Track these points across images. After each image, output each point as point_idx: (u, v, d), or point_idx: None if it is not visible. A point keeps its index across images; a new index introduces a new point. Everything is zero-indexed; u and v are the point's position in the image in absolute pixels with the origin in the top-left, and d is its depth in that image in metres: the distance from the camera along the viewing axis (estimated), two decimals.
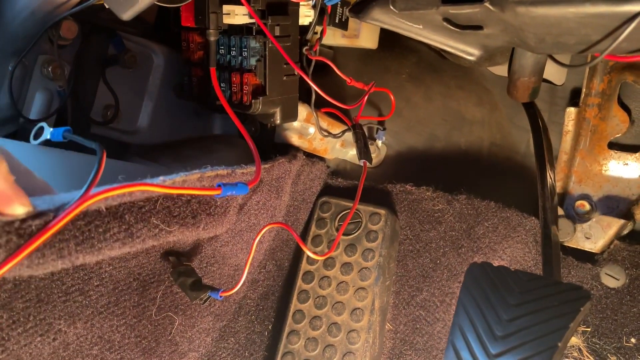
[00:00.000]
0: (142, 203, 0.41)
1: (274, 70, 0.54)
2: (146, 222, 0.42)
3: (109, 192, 0.33)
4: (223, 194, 0.42)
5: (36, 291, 0.41)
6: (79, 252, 0.36)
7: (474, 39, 0.42)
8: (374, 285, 0.60)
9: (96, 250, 0.37)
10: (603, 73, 0.63)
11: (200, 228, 0.48)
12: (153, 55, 0.60)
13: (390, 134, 0.73)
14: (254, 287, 0.65)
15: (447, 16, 0.38)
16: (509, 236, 0.62)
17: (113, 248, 0.39)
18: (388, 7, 0.39)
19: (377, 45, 0.71)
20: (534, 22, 0.34)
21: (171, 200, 0.44)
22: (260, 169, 0.48)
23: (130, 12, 0.37)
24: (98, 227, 0.37)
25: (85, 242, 0.36)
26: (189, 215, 0.46)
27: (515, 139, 0.69)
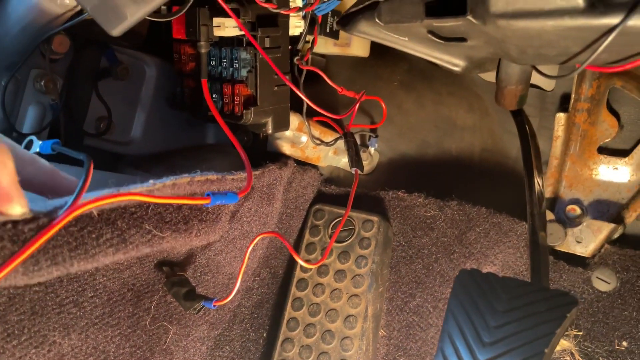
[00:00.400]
0: (134, 209, 0.42)
1: (265, 80, 0.55)
2: (138, 227, 0.42)
3: (99, 200, 0.33)
4: (212, 203, 0.42)
5: (30, 303, 0.41)
6: (73, 258, 0.36)
7: (459, 50, 0.43)
8: (367, 292, 0.60)
9: (90, 257, 0.38)
10: (592, 79, 0.64)
11: (193, 234, 0.48)
12: (145, 66, 0.60)
13: (383, 141, 0.74)
14: (249, 295, 0.65)
15: (431, 29, 0.38)
16: (500, 241, 0.62)
17: (107, 254, 0.39)
18: (374, 20, 0.40)
19: (368, 53, 0.71)
20: (515, 35, 0.34)
21: (163, 206, 0.45)
22: (252, 176, 0.49)
23: (120, 28, 0.37)
24: (91, 233, 0.38)
25: (79, 248, 0.37)
26: (181, 221, 0.47)
27: (507, 144, 0.70)
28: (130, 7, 0.37)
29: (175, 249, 0.53)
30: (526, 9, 0.32)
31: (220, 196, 0.42)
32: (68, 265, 0.36)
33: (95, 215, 0.38)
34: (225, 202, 0.43)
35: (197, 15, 0.51)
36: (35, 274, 0.34)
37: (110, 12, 0.37)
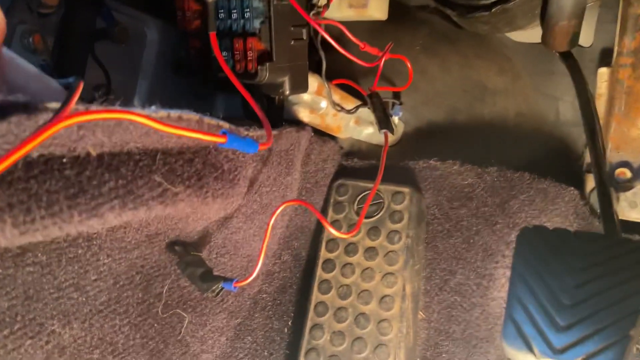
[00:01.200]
0: (139, 156, 0.36)
1: (280, 33, 0.49)
2: (147, 178, 0.36)
3: (94, 114, 0.27)
4: (228, 144, 0.36)
5: (23, 287, 0.35)
6: (72, 208, 0.30)
7: None
8: (403, 269, 0.54)
9: (93, 209, 0.31)
10: (634, 30, 0.58)
11: (210, 195, 0.42)
12: (146, 29, 0.55)
13: (407, 110, 0.68)
14: (270, 280, 0.59)
15: None
16: (547, 209, 0.56)
17: (113, 208, 0.33)
18: None
19: (387, 15, 0.65)
20: None
21: (171, 155, 0.39)
22: (270, 128, 0.43)
23: None
24: (91, 179, 0.32)
25: (78, 196, 0.31)
26: (194, 176, 0.41)
27: (543, 108, 0.64)
28: None
29: (189, 225, 0.47)
30: None
31: (239, 139, 0.37)
32: (67, 216, 0.30)
33: (94, 156, 0.32)
34: (244, 149, 0.37)
35: None
36: (27, 228, 0.28)
37: None
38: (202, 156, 0.43)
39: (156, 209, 0.38)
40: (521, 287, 0.35)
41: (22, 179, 0.28)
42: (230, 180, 0.46)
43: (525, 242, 0.37)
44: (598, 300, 0.32)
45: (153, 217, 0.42)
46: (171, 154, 0.40)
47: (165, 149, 0.39)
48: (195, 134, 0.35)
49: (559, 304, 0.33)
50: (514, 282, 0.36)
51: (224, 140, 0.37)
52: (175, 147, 0.40)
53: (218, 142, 0.38)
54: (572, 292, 0.33)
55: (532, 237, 0.37)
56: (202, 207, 0.44)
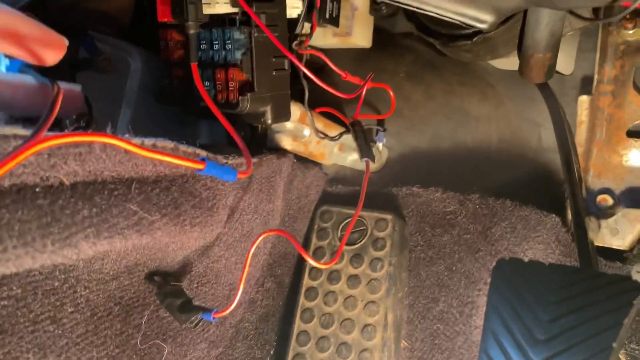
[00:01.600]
0: (113, 185, 0.36)
1: (261, 63, 0.49)
2: (121, 207, 0.36)
3: (65, 137, 0.27)
4: (207, 170, 0.36)
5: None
6: (46, 237, 0.30)
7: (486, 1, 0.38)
8: (386, 297, 0.54)
9: (66, 237, 0.31)
10: (614, 58, 0.59)
11: (187, 223, 0.42)
12: (130, 58, 0.55)
13: (391, 135, 0.68)
14: (252, 307, 0.59)
15: None
16: (528, 236, 0.56)
17: (87, 237, 0.33)
18: None
19: (371, 43, 0.66)
20: None
21: (147, 184, 0.39)
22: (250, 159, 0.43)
23: None
24: (64, 208, 0.31)
25: (51, 225, 0.30)
26: (170, 205, 0.41)
27: (525, 134, 0.65)
28: None
29: (169, 255, 0.47)
30: None
31: (217, 166, 0.37)
32: (39, 246, 0.30)
33: (68, 185, 0.32)
34: (222, 177, 0.37)
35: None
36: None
37: None
38: (179, 184, 0.43)
39: (132, 237, 0.38)
40: (496, 320, 0.35)
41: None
42: (209, 208, 0.46)
43: (500, 274, 0.37)
44: (571, 335, 0.32)
45: (131, 247, 0.42)
46: (147, 183, 0.40)
47: (141, 178, 0.39)
48: (173, 158, 0.35)
49: (533, 339, 0.33)
50: (489, 316, 0.36)
51: (202, 167, 0.37)
52: (151, 176, 0.40)
53: (196, 168, 0.37)
54: (545, 327, 0.33)
55: (508, 269, 0.37)
56: (180, 236, 0.44)
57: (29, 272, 0.36)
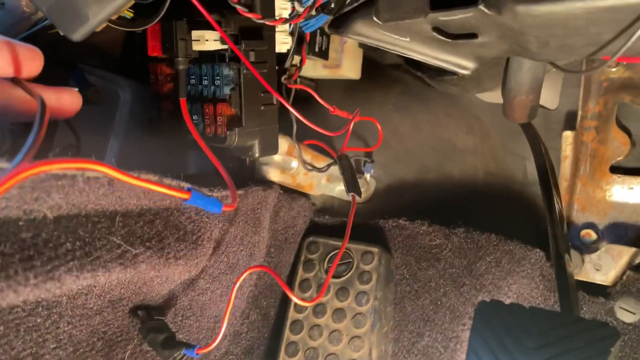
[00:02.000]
0: (97, 218, 0.36)
1: (250, 99, 0.50)
2: (105, 240, 0.36)
3: (53, 164, 0.26)
4: (192, 200, 0.36)
5: None
6: (28, 271, 0.30)
7: (468, 50, 0.38)
8: (370, 332, 0.54)
9: (49, 271, 0.31)
10: (598, 95, 0.60)
11: (171, 256, 0.42)
12: (119, 89, 0.55)
13: (379, 167, 0.69)
14: (237, 340, 0.59)
15: (437, 24, 0.34)
16: (513, 271, 0.57)
17: (70, 270, 0.33)
18: (371, 18, 0.35)
19: (360, 75, 0.67)
20: (536, 23, 0.30)
21: (131, 217, 0.39)
22: (235, 191, 0.43)
23: (82, 31, 0.32)
24: (47, 242, 0.32)
25: (34, 258, 0.30)
26: (154, 238, 0.41)
27: (511, 167, 0.66)
28: (93, 6, 0.32)
29: (153, 289, 0.46)
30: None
31: (203, 197, 0.37)
32: (22, 279, 0.29)
33: (51, 218, 0.32)
34: (207, 208, 0.37)
35: (174, 29, 0.47)
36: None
37: (70, 13, 0.32)
38: (163, 217, 0.43)
39: (115, 271, 0.38)
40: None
41: None
42: (194, 241, 0.46)
43: (481, 317, 0.37)
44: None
45: (115, 281, 0.42)
46: (131, 216, 0.40)
47: (125, 211, 0.39)
48: (159, 187, 0.34)
49: None
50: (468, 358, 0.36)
51: (187, 197, 0.37)
52: (135, 209, 0.40)
53: (182, 197, 0.37)
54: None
55: (488, 312, 0.37)
56: (164, 269, 0.44)
57: (11, 309, 0.36)
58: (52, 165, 0.26)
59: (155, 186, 0.34)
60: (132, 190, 0.38)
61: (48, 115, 0.29)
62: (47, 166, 0.26)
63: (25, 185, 0.29)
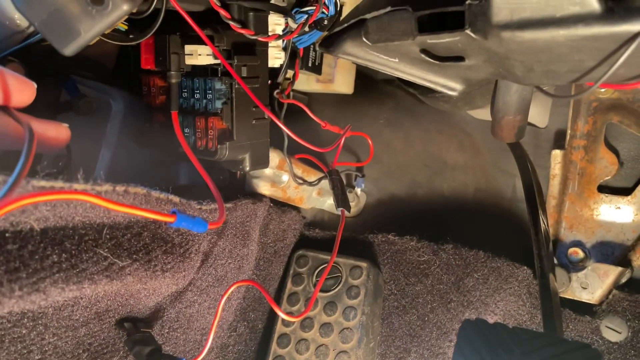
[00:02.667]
0: (84, 231, 0.36)
1: (241, 113, 0.50)
2: (91, 252, 0.36)
3: (39, 196, 0.27)
4: (177, 223, 0.36)
5: None
6: (13, 282, 0.30)
7: (455, 72, 0.39)
8: (357, 348, 0.54)
9: (34, 283, 0.31)
10: (587, 114, 0.61)
11: (158, 269, 0.42)
12: (111, 100, 0.56)
13: (370, 181, 0.69)
14: (224, 353, 0.58)
15: (425, 47, 0.35)
16: (500, 288, 0.57)
17: (56, 282, 0.33)
18: (361, 39, 0.36)
19: (352, 90, 0.68)
20: (520, 49, 0.30)
21: (118, 229, 0.39)
22: (223, 207, 0.43)
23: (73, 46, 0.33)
24: (33, 254, 0.32)
25: (20, 270, 0.30)
26: (142, 250, 0.41)
27: (501, 184, 0.66)
28: (85, 21, 0.32)
29: (140, 301, 0.46)
30: (534, 18, 0.28)
31: (188, 219, 0.37)
32: (7, 291, 0.30)
33: (38, 230, 0.32)
34: (193, 229, 0.37)
35: (167, 43, 0.47)
36: None
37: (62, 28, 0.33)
38: (151, 230, 0.43)
39: (102, 283, 0.38)
40: None
41: None
42: (181, 254, 0.46)
43: (464, 336, 0.38)
44: None
45: (102, 293, 0.42)
46: (118, 228, 0.40)
47: (113, 223, 0.39)
48: (143, 212, 0.34)
49: None
50: None
51: (172, 220, 0.37)
52: (123, 222, 0.40)
53: (166, 221, 0.37)
54: None
55: (472, 332, 0.37)
56: (151, 282, 0.44)
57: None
58: (38, 197, 0.27)
59: (141, 211, 0.34)
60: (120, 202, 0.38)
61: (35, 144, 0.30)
62: (35, 198, 0.27)
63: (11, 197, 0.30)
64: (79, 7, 0.32)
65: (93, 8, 0.32)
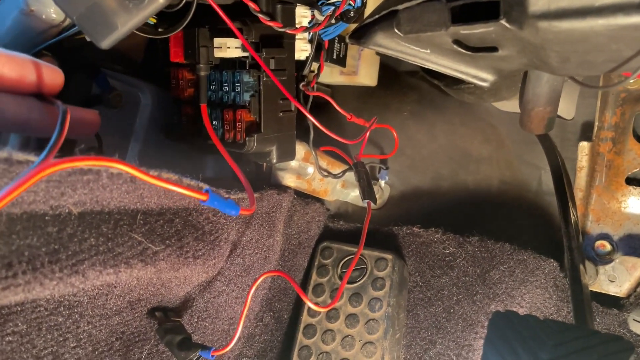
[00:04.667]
0: (119, 216, 0.37)
1: (269, 106, 0.50)
2: (126, 237, 0.37)
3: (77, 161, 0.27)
4: (209, 202, 0.36)
5: (2, 356, 0.35)
6: (54, 263, 0.31)
7: (487, 63, 0.39)
8: (383, 338, 0.54)
9: (74, 265, 0.32)
10: (615, 106, 0.60)
11: (190, 255, 0.43)
12: (140, 94, 0.56)
13: (394, 174, 0.69)
14: (250, 342, 0.59)
15: (458, 37, 0.34)
16: (527, 281, 0.57)
17: (94, 265, 0.34)
18: (392, 30, 0.36)
19: (376, 82, 0.68)
20: (557, 39, 0.30)
21: (151, 216, 0.40)
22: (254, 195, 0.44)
23: (110, 39, 0.33)
24: (72, 237, 0.32)
25: (59, 252, 0.31)
26: (174, 236, 0.41)
27: (526, 177, 0.66)
28: (122, 15, 0.33)
29: (171, 290, 0.47)
30: (572, 7, 0.28)
31: (220, 199, 0.37)
32: (48, 272, 0.30)
33: (76, 214, 0.32)
34: (224, 210, 0.38)
35: (196, 36, 0.48)
36: (9, 283, 0.28)
37: (99, 22, 0.33)
38: (182, 217, 0.44)
39: (137, 267, 0.38)
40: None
41: (4, 234, 0.29)
42: (211, 241, 0.47)
43: (494, 327, 0.38)
44: None
45: (135, 282, 0.43)
46: (151, 214, 0.40)
47: (146, 209, 0.40)
48: (176, 187, 0.34)
49: None
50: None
51: (205, 198, 0.37)
52: (155, 208, 0.41)
53: (199, 198, 0.37)
54: None
55: (502, 323, 0.37)
56: (183, 269, 0.44)
57: (34, 307, 0.37)
58: (76, 162, 0.27)
59: (175, 186, 0.34)
60: (153, 188, 0.39)
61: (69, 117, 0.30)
62: (72, 163, 0.27)
63: (52, 179, 0.30)
64: (116, 1, 0.32)
65: (130, 2, 0.32)
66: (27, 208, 0.30)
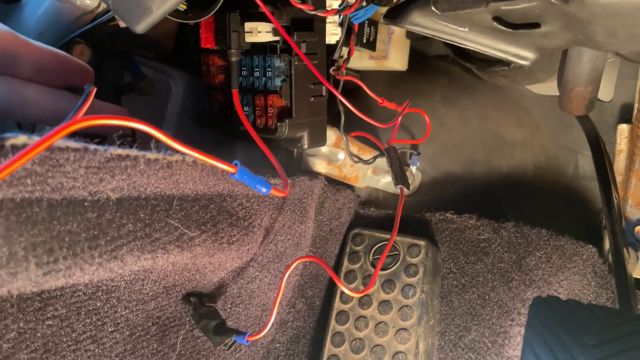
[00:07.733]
0: (156, 201, 0.37)
1: (300, 90, 0.50)
2: (163, 222, 0.37)
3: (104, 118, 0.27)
4: (238, 175, 0.36)
5: (43, 340, 0.36)
6: (93, 249, 0.31)
7: (529, 40, 0.38)
8: (417, 325, 0.54)
9: (113, 250, 0.32)
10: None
11: (225, 241, 0.43)
12: (171, 81, 0.57)
13: (425, 159, 0.68)
14: (283, 329, 0.59)
15: (498, 14, 0.33)
16: (564, 267, 0.55)
17: (132, 250, 0.34)
18: (429, 8, 0.35)
19: (406, 66, 0.67)
20: (604, 13, 0.29)
21: (187, 202, 0.40)
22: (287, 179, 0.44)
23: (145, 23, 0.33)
24: (111, 222, 0.33)
25: (99, 237, 0.31)
26: (209, 222, 0.42)
27: (562, 161, 0.64)
28: None
29: (206, 276, 0.48)
30: None
31: (250, 174, 0.37)
32: (88, 257, 0.31)
33: (114, 200, 0.33)
34: (254, 187, 0.38)
35: (227, 21, 0.47)
36: (50, 268, 0.29)
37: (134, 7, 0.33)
38: (216, 203, 0.44)
39: (174, 253, 0.39)
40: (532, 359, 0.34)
41: (45, 220, 0.29)
42: (245, 227, 0.47)
43: (536, 312, 0.37)
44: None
45: (171, 268, 0.43)
46: (187, 200, 0.41)
47: (182, 195, 0.40)
48: (206, 157, 0.34)
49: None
50: (524, 354, 0.35)
51: (234, 170, 0.37)
52: (191, 194, 0.41)
53: (228, 170, 0.37)
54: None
55: (544, 308, 0.37)
56: (218, 254, 0.45)
57: (73, 292, 0.37)
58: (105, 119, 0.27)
59: (203, 156, 0.34)
60: (188, 174, 0.39)
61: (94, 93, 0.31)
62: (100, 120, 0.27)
63: (91, 165, 0.30)
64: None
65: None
66: (66, 194, 0.30)
